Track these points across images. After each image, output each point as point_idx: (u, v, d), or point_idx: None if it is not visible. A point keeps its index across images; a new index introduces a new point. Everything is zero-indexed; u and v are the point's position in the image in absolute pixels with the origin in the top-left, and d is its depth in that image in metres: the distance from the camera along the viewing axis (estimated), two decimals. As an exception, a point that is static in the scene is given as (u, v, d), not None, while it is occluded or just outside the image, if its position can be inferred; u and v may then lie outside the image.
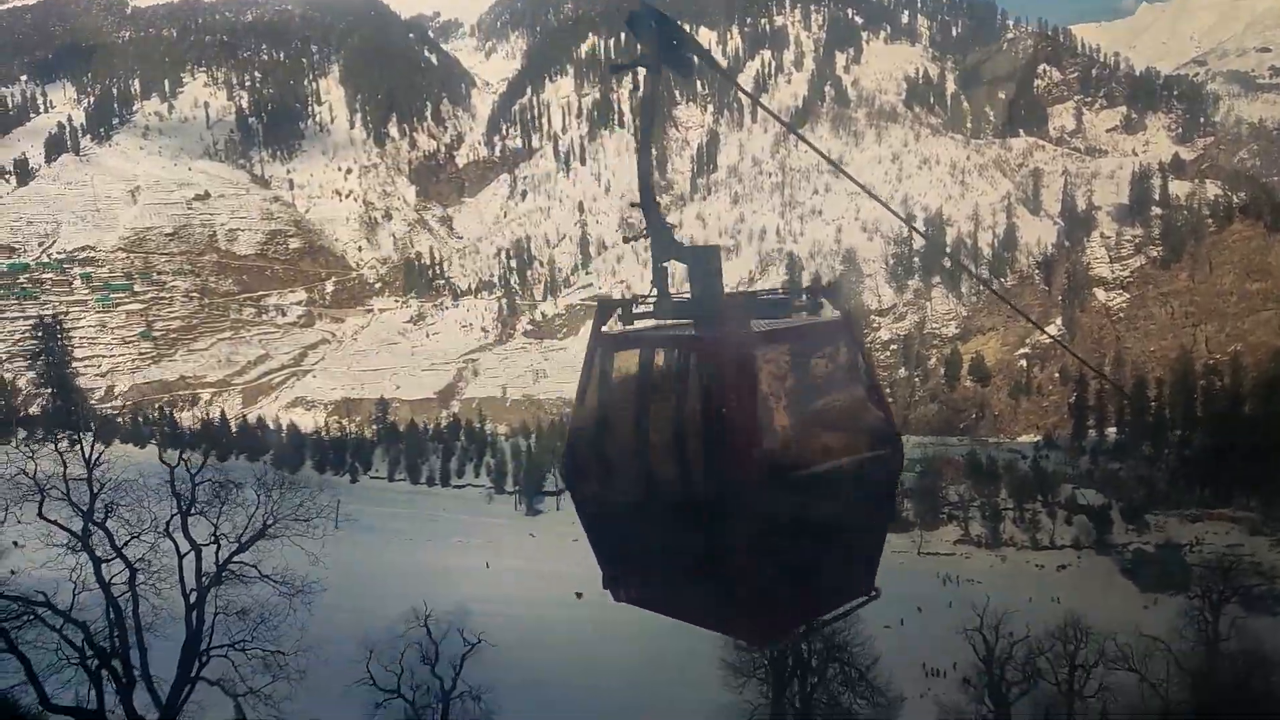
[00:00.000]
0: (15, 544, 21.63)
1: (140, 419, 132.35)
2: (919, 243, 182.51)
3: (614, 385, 5.00)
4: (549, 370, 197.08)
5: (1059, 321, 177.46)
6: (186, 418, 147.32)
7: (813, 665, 31.91)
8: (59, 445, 22.47)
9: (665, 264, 4.84)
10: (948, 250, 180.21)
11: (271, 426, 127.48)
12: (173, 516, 22.51)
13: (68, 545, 22.18)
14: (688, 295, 4.81)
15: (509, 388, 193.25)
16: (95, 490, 21.13)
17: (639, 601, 5.32)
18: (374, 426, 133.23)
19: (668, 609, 5.40)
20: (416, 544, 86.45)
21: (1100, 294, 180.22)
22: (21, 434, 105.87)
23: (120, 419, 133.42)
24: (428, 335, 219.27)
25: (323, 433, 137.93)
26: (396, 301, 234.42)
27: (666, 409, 4.66)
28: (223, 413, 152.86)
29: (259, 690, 21.85)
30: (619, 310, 5.02)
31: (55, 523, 20.89)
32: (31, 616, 21.46)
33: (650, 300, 4.94)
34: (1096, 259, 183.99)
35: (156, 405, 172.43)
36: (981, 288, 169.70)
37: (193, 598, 21.98)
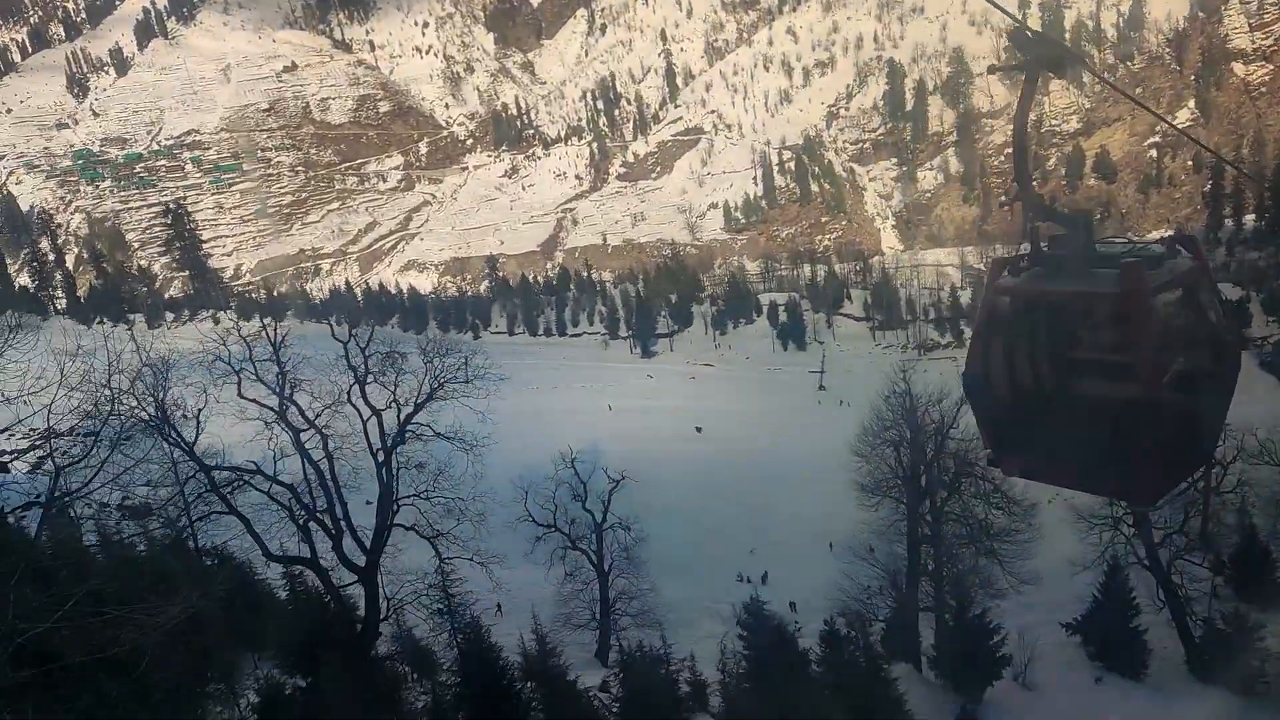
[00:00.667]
0: (193, 418, 24.13)
1: (273, 293, 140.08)
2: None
3: (1009, 321, 6.74)
4: (646, 213, 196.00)
5: (1191, 104, 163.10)
6: (314, 288, 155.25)
7: (944, 481, 32.90)
8: (240, 329, 24.64)
9: (1036, 225, 6.72)
10: (1066, 36, 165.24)
11: (393, 291, 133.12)
12: (351, 386, 24.80)
13: (261, 418, 24.79)
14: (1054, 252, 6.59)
15: (609, 234, 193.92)
16: (284, 369, 23.45)
17: (1024, 474, 7.53)
18: (486, 284, 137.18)
19: (1052, 479, 7.52)
20: (544, 392, 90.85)
21: (1238, 68, 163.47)
22: (169, 316, 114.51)
23: (253, 295, 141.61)
24: (523, 188, 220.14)
25: (440, 293, 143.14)
26: (489, 156, 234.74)
27: (1058, 337, 6.45)
28: (347, 282, 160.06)
29: (446, 533, 24.67)
30: (1007, 267, 6.85)
31: (256, 401, 23.43)
32: (242, 483, 24.48)
33: (1029, 256, 6.77)
34: (1235, 29, 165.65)
35: (283, 279, 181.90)
36: (1106, 75, 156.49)
37: (380, 457, 24.56)
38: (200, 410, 22.52)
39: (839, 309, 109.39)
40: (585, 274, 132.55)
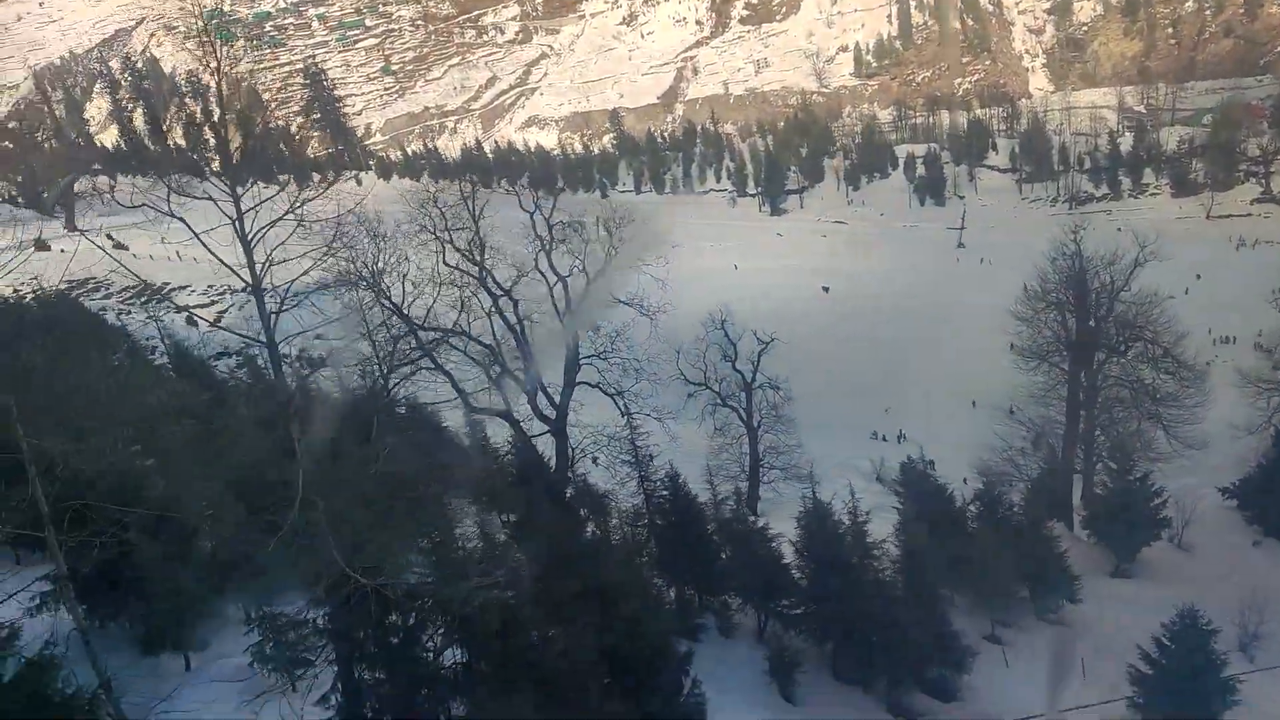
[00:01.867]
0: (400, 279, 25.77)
1: (406, 153, 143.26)
2: None
3: None
4: (770, 59, 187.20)
5: None
6: (441, 147, 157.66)
7: (1111, 345, 32.50)
8: (436, 196, 25.85)
9: None
10: None
11: (521, 149, 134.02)
12: (538, 254, 26.35)
13: (450, 282, 26.63)
14: None
15: (730, 84, 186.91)
16: (482, 239, 25.04)
17: None
18: (610, 139, 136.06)
19: None
20: (672, 252, 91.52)
21: None
22: (315, 177, 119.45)
23: (386, 155, 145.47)
24: (642, 36, 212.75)
25: (567, 150, 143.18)
26: (605, 2, 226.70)
27: None
28: (476, 140, 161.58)
29: (626, 391, 26.57)
30: None
31: (457, 268, 25.23)
32: (442, 341, 26.70)
33: None
34: None
35: (410, 137, 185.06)
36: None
37: (565, 320, 26.35)
38: (406, 275, 24.45)
39: (982, 160, 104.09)
40: (710, 127, 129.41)
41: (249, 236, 12.39)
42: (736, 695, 14.40)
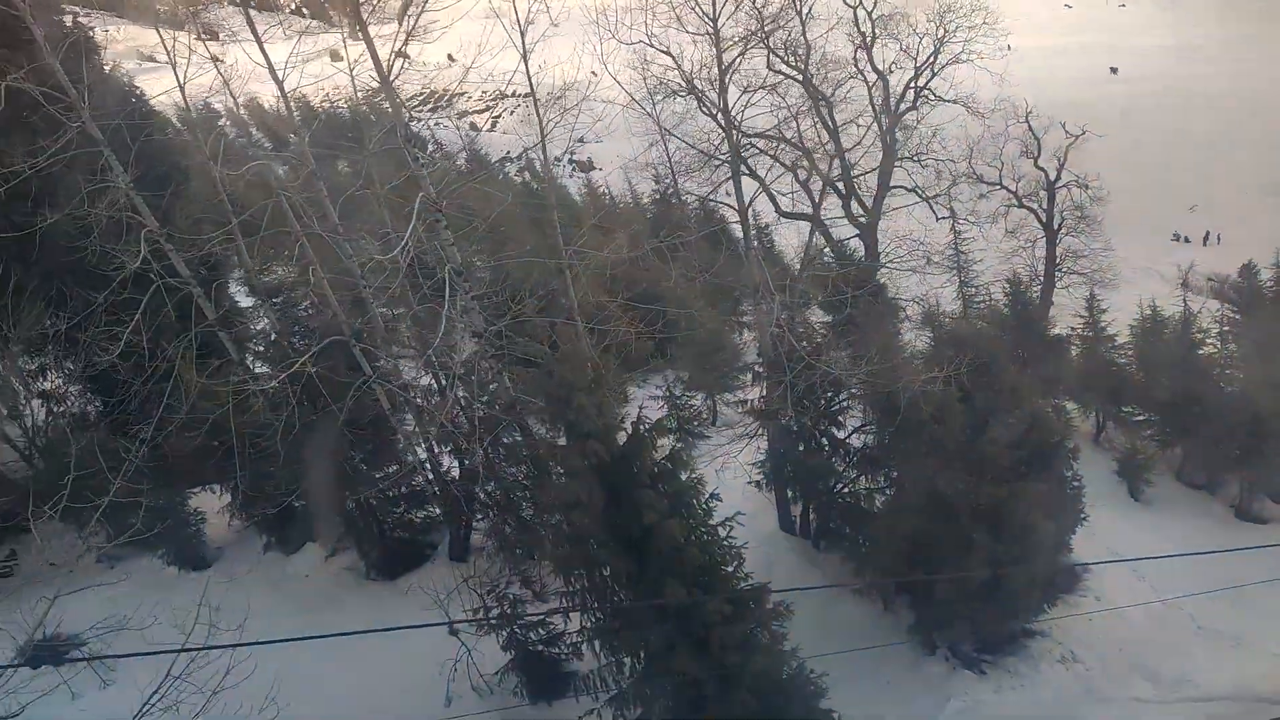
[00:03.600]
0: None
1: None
2: None
3: None
4: None
5: None
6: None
7: None
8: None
9: None
10: None
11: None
12: (856, 50, 25.57)
13: (761, 86, 26.61)
14: None
15: None
16: (809, 42, 24.54)
17: None
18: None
19: None
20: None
21: None
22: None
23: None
24: None
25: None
26: None
27: None
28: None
29: (942, 194, 26.06)
30: None
31: (781, 72, 25.12)
32: (750, 146, 27.14)
33: None
34: None
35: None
36: None
37: (884, 121, 25.83)
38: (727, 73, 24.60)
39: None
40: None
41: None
42: (1087, 491, 15.21)
